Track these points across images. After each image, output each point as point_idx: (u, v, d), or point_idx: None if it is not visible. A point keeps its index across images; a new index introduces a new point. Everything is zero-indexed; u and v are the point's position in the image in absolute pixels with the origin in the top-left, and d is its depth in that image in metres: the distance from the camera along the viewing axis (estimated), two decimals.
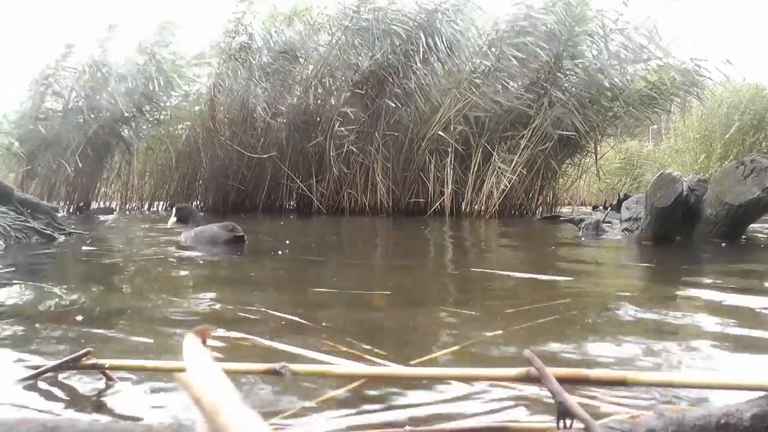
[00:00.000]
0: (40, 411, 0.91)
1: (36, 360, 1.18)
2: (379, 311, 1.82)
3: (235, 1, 9.24)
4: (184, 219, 3.94)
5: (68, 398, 0.97)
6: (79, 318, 1.60)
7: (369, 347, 1.27)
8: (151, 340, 1.39)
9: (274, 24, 9.07)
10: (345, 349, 1.24)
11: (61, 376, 1.04)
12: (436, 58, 8.44)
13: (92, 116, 8.97)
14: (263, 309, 1.71)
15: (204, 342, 0.78)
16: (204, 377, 0.65)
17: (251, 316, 1.63)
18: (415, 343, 1.40)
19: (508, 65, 8.11)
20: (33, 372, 1.04)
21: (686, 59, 8.32)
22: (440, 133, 8.27)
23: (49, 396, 0.98)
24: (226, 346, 1.31)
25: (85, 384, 1.03)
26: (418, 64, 8.34)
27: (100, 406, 0.94)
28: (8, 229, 3.55)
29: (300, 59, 9.33)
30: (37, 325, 1.54)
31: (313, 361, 1.13)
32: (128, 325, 1.55)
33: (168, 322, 1.60)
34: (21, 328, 1.51)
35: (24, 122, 9.20)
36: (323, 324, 1.53)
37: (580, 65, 8.44)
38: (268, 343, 1.31)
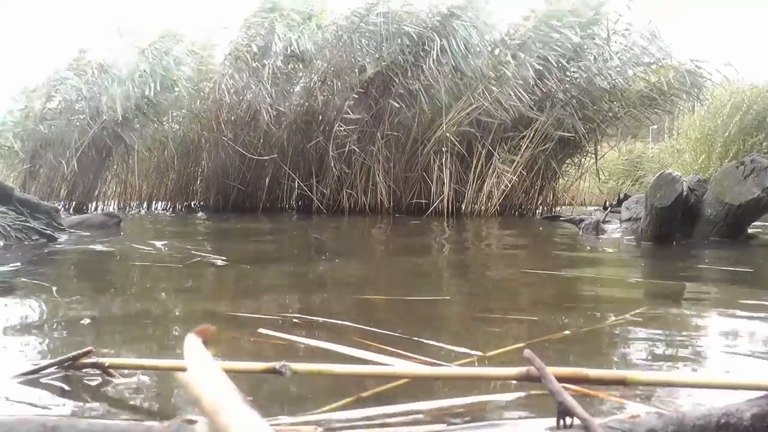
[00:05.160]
0: (39, 409, 0.91)
1: (36, 358, 1.18)
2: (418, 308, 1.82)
3: (256, 4, 9.24)
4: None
5: (68, 397, 0.97)
6: (79, 317, 1.60)
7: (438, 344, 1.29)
8: (153, 339, 1.39)
9: (289, 27, 9.03)
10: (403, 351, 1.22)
11: (61, 375, 1.05)
12: (448, 60, 8.38)
13: (95, 117, 8.96)
14: (288, 308, 1.68)
15: (205, 341, 0.78)
16: (204, 377, 0.65)
17: (273, 316, 1.58)
18: (475, 338, 1.40)
19: (525, 75, 8.06)
20: (33, 370, 1.04)
21: (686, 60, 8.31)
22: (448, 134, 8.26)
23: (49, 395, 0.98)
24: (233, 344, 1.31)
25: (85, 383, 1.03)
26: (430, 65, 8.28)
27: (100, 406, 0.94)
28: (8, 228, 3.55)
29: (306, 61, 9.32)
30: (37, 323, 1.54)
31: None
32: (129, 324, 1.55)
33: (170, 321, 1.60)
34: (21, 326, 1.51)
35: (27, 122, 9.20)
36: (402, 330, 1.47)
37: (582, 66, 8.43)
38: (304, 341, 1.28)
